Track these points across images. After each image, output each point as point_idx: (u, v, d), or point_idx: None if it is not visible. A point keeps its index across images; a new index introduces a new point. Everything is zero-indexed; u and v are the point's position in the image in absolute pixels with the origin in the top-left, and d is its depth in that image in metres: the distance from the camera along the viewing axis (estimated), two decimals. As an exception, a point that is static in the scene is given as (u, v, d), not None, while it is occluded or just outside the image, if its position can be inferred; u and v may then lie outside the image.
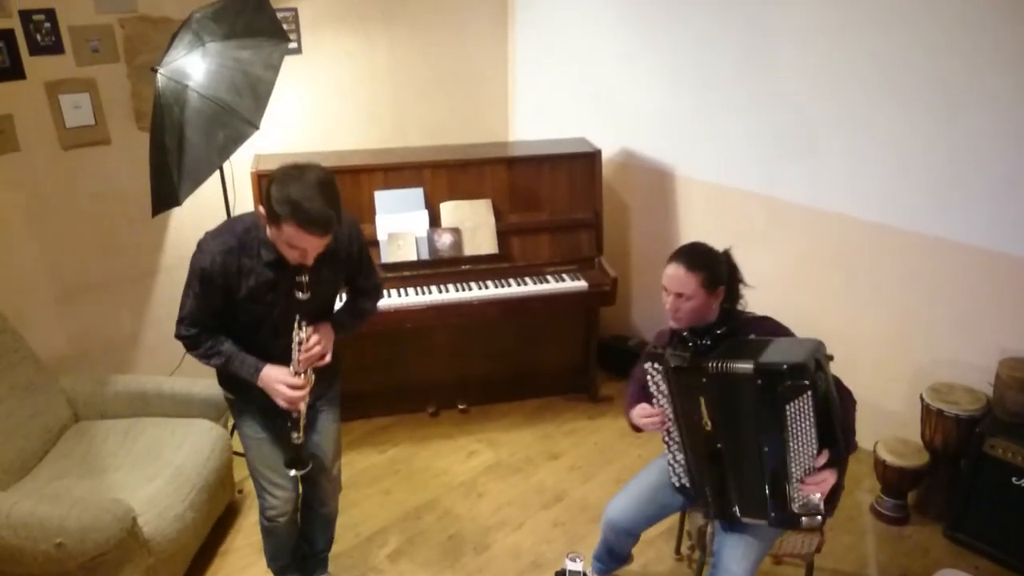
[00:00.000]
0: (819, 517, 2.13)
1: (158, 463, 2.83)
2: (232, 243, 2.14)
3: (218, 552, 3.05)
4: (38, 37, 3.10)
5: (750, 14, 3.47)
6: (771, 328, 2.32)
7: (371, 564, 3.00)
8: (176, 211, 3.51)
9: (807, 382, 1.98)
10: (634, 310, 4.49)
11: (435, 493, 3.40)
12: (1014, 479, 2.82)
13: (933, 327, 3.22)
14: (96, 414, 3.13)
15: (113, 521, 2.39)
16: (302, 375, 2.23)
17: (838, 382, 2.21)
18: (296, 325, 2.20)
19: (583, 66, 4.29)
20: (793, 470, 2.09)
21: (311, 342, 2.23)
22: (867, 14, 3.10)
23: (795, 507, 2.13)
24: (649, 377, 2.30)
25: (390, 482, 3.48)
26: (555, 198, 3.81)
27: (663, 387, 2.27)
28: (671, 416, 2.29)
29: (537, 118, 4.66)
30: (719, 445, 2.21)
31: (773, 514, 2.18)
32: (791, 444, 2.06)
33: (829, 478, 2.10)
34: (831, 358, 2.15)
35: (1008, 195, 2.90)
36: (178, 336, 2.27)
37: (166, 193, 2.79)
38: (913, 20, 2.98)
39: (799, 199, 3.51)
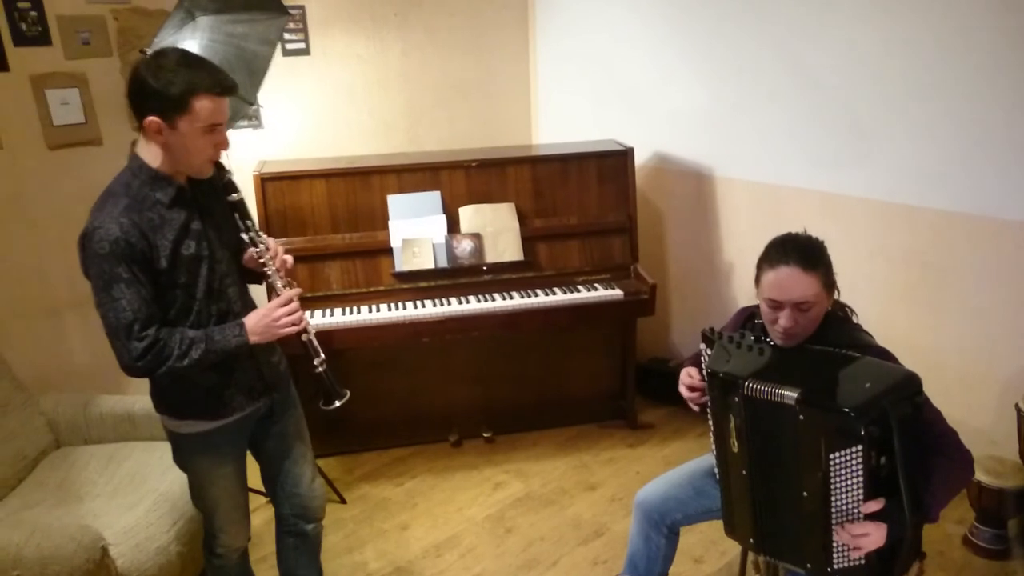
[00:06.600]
0: None
1: (141, 490, 2.51)
2: (124, 202, 1.76)
3: (210, 594, 2.68)
4: (23, 27, 2.89)
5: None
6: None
7: (384, 608, 2.63)
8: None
9: (861, 434, 1.57)
10: (673, 329, 4.11)
11: (457, 529, 3.02)
12: None
13: (1024, 328, 2.82)
14: (79, 439, 2.84)
15: (78, 550, 2.08)
16: (287, 286, 1.98)
17: (949, 438, 1.77)
18: (248, 238, 1.97)
19: (610, 65, 4.01)
20: (834, 521, 1.69)
21: (273, 244, 2.02)
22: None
23: (834, 564, 1.72)
24: (702, 358, 1.98)
25: (407, 517, 3.10)
26: (585, 201, 3.49)
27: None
28: (709, 408, 1.94)
29: (562, 124, 4.37)
30: (743, 472, 1.83)
31: (809, 565, 1.78)
32: (833, 499, 1.66)
33: (874, 534, 1.63)
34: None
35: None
36: (135, 357, 1.75)
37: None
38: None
39: (859, 192, 3.14)
